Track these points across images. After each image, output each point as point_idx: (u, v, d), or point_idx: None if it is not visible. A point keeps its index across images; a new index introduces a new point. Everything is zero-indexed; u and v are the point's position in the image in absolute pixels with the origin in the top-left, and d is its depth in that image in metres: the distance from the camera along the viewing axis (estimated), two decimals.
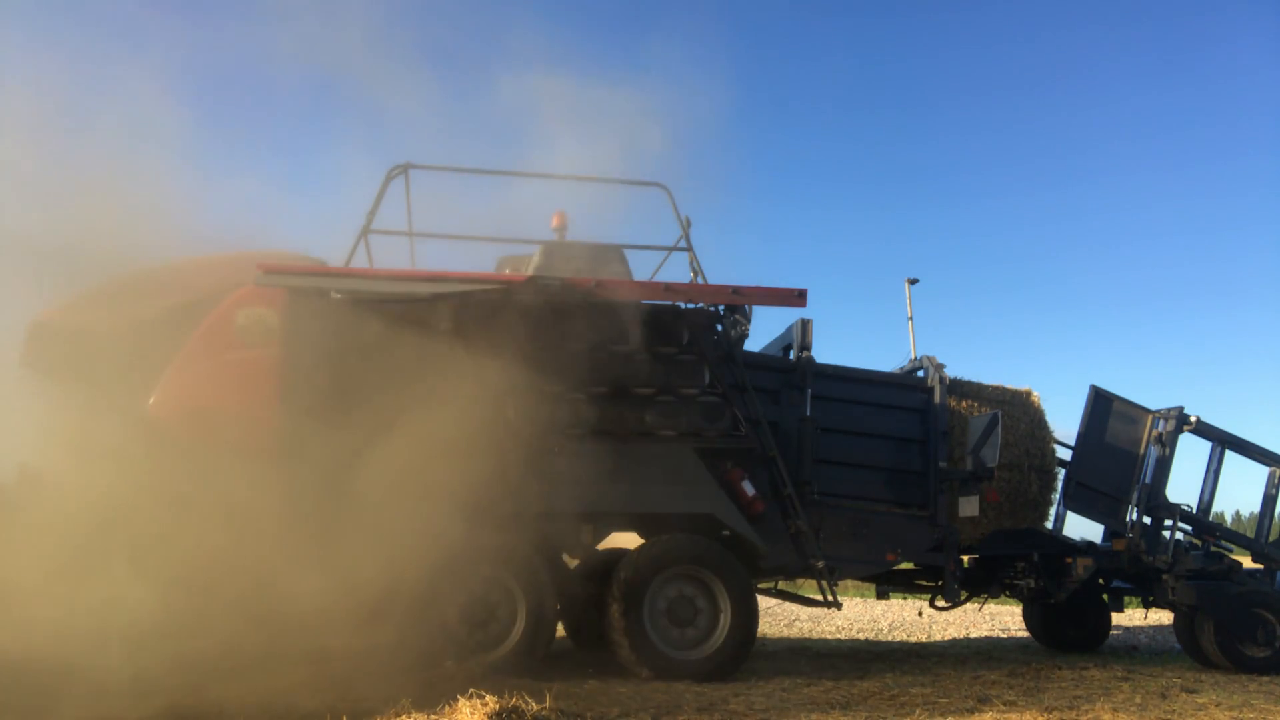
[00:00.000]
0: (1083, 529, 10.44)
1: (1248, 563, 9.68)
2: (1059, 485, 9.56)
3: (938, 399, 8.70)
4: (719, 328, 8.04)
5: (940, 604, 9.34)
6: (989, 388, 9.55)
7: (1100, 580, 9.83)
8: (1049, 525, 9.61)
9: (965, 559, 9.47)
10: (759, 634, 8.72)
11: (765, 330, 14.35)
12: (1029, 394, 9.72)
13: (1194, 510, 9.48)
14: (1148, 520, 9.31)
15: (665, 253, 8.35)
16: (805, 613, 13.83)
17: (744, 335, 8.22)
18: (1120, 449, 9.50)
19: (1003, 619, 14.16)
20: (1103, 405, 9.55)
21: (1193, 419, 9.45)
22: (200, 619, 6.15)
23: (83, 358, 6.76)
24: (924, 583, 9.39)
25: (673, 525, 7.57)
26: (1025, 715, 6.02)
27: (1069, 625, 10.52)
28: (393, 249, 8.09)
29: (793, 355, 8.54)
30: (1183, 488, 44.41)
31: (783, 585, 8.97)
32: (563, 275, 7.47)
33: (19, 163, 7.10)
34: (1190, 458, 10.50)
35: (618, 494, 7.42)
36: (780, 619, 13.65)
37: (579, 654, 8.52)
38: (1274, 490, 9.65)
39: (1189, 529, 9.52)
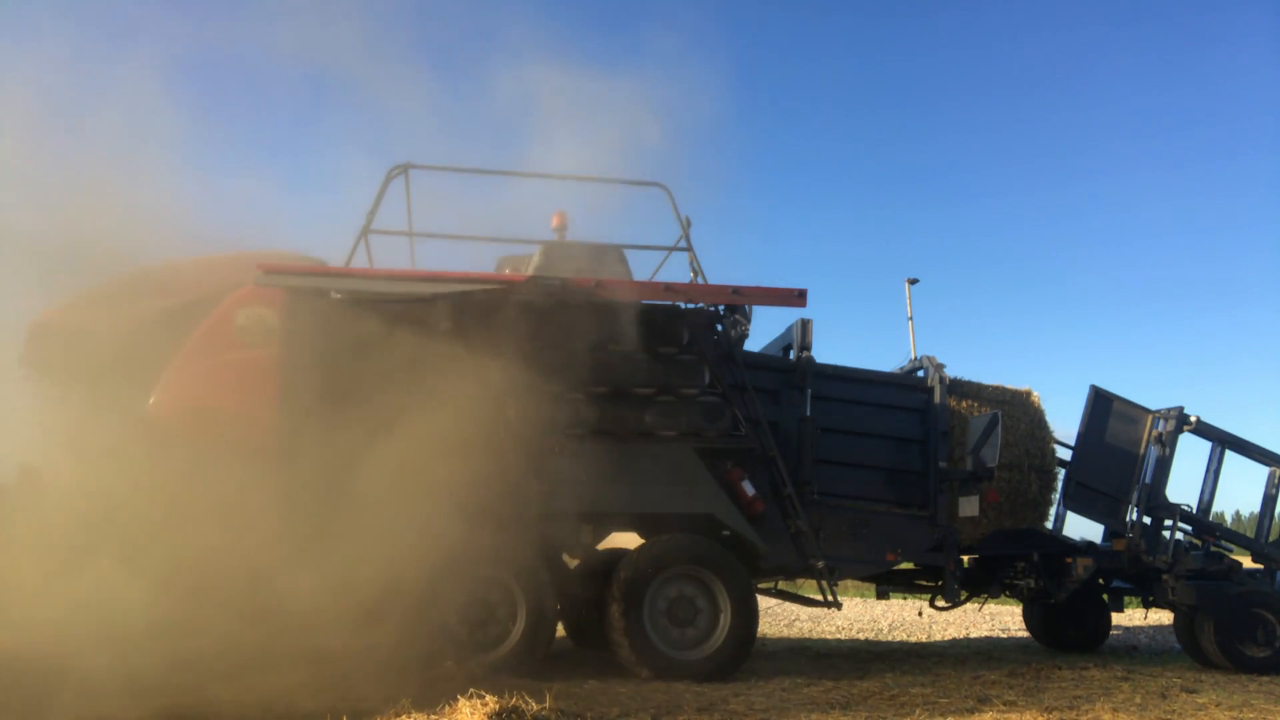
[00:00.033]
0: (1083, 529, 10.45)
1: (1248, 563, 9.68)
2: (1059, 485, 9.56)
3: (938, 399, 8.70)
4: (719, 328, 8.05)
5: (940, 604, 9.34)
6: (989, 388, 9.55)
7: (1100, 580, 9.83)
8: (1049, 525, 9.61)
9: (965, 559, 9.47)
10: (759, 634, 8.72)
11: (765, 330, 14.34)
12: (1029, 394, 9.72)
13: (1194, 510, 9.47)
14: (1148, 520, 9.31)
15: (665, 253, 8.36)
16: (805, 613, 13.83)
17: (744, 335, 8.22)
18: (1120, 449, 9.50)
19: (1003, 619, 14.16)
20: (1103, 405, 9.55)
21: (1193, 419, 9.45)
22: (200, 619, 6.15)
23: (83, 358, 6.76)
24: (924, 583, 9.39)
25: (673, 525, 7.57)
26: (1025, 715, 6.02)
27: (1069, 625, 10.52)
28: (393, 249, 8.10)
29: (793, 355, 8.54)
30: (1183, 488, 44.43)
31: (783, 585, 8.97)
32: (563, 275, 7.47)
33: (19, 163, 7.10)
34: (1190, 458, 10.51)
35: (618, 494, 7.42)
36: (780, 619, 13.65)
37: (579, 654, 8.52)
38: (1274, 490, 9.65)
39: (1189, 529, 9.52)
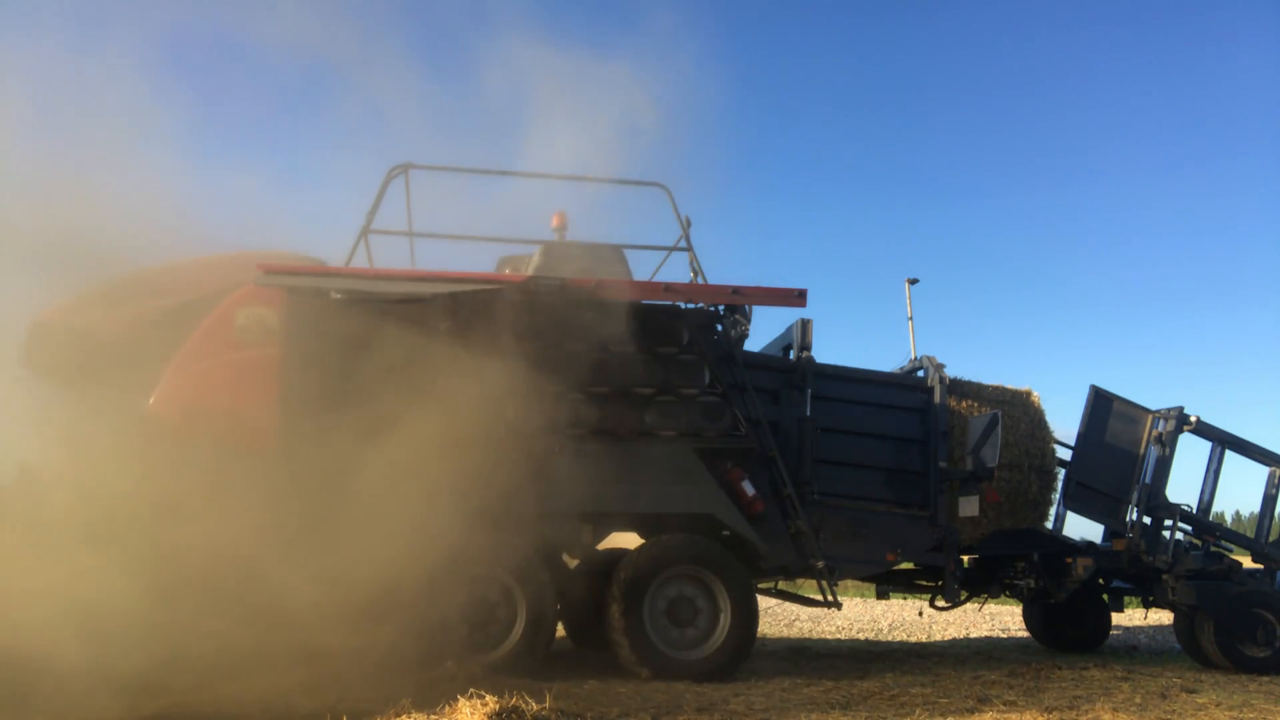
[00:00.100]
0: (1083, 529, 10.46)
1: (1248, 563, 9.68)
2: (1059, 485, 9.57)
3: (938, 399, 8.70)
4: (719, 328, 8.04)
5: (940, 604, 9.35)
6: (989, 388, 9.55)
7: (1100, 580, 9.83)
8: (1049, 525, 9.61)
9: (965, 559, 9.48)
10: (759, 634, 8.72)
11: (765, 330, 14.36)
12: (1029, 394, 9.72)
13: (1194, 510, 9.48)
14: (1148, 520, 9.31)
15: (665, 253, 8.36)
16: (805, 613, 13.83)
17: (744, 335, 8.22)
18: (1120, 449, 9.50)
19: (1003, 619, 14.16)
20: (1103, 405, 9.56)
21: (1193, 419, 9.45)
22: (200, 619, 6.14)
23: (83, 358, 6.76)
24: (924, 583, 9.39)
25: (673, 525, 7.57)
26: (1025, 715, 6.02)
27: (1069, 625, 10.52)
28: (393, 249, 8.10)
29: (793, 355, 8.53)
30: (1183, 488, 44.48)
31: (783, 585, 8.96)
32: (563, 275, 7.47)
33: (19, 162, 7.09)
34: (1190, 458, 10.52)
35: (618, 494, 7.42)
36: (780, 619, 13.65)
37: (579, 654, 8.52)
38: (1274, 490, 9.65)
39: (1189, 529, 9.53)
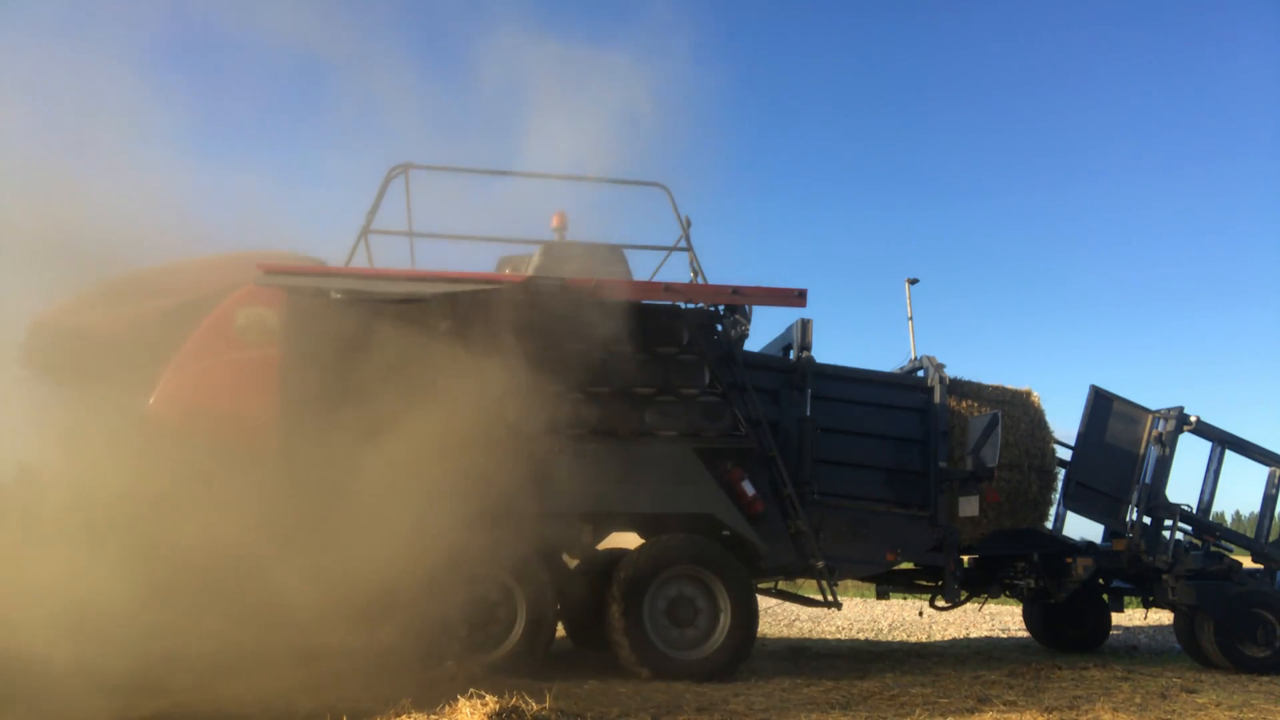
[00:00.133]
0: (1083, 529, 10.46)
1: (1248, 563, 9.68)
2: (1059, 485, 9.57)
3: (938, 399, 8.70)
4: (719, 328, 8.04)
5: (940, 604, 9.35)
6: (989, 388, 9.55)
7: (1100, 580, 9.83)
8: (1049, 525, 9.61)
9: (965, 559, 9.48)
10: (759, 634, 8.71)
11: (765, 330, 14.37)
12: (1029, 394, 9.72)
13: (1194, 510, 9.48)
14: (1148, 520, 9.31)
15: (665, 253, 8.36)
16: (805, 613, 13.83)
17: (744, 335, 8.22)
18: (1120, 449, 9.51)
19: (1003, 619, 14.16)
20: (1103, 405, 9.56)
21: (1193, 419, 9.45)
22: (200, 619, 6.14)
23: (82, 358, 6.75)
24: (924, 583, 9.39)
25: (673, 525, 7.57)
26: (1025, 715, 6.02)
27: (1069, 625, 10.53)
28: (393, 249, 8.10)
29: (793, 355, 8.53)
30: (1183, 488, 44.47)
31: (783, 585, 8.96)
32: (563, 275, 7.46)
33: (18, 162, 7.09)
34: (1190, 458, 10.51)
35: (618, 494, 7.42)
36: (780, 619, 13.65)
37: (579, 654, 8.52)
38: (1274, 490, 9.65)
39: (1189, 529, 9.53)
